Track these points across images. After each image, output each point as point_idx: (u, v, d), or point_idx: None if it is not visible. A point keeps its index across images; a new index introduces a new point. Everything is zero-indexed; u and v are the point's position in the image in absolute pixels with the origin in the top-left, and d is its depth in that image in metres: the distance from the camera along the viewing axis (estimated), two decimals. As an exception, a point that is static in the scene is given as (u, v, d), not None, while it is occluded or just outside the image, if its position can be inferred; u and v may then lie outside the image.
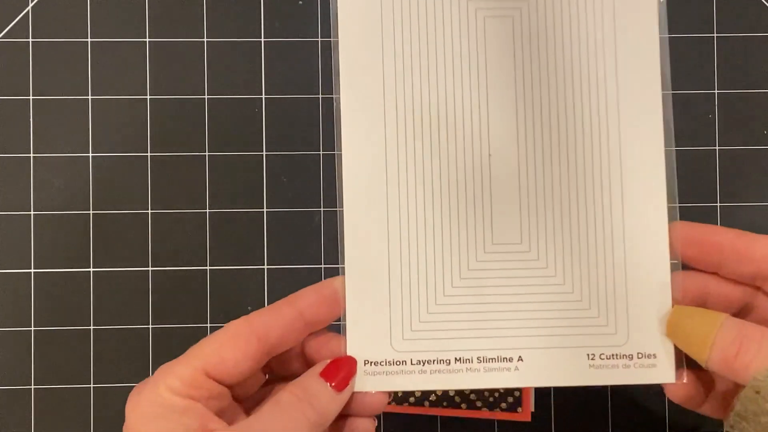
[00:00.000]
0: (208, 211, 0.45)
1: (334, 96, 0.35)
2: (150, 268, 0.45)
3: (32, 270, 0.45)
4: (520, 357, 0.35)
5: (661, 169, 0.36)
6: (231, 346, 0.33)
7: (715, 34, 0.45)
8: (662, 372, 0.35)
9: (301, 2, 0.46)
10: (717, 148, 0.45)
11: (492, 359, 0.35)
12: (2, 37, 0.45)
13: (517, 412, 0.41)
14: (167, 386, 0.32)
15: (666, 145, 0.36)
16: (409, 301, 0.35)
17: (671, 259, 0.36)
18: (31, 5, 0.45)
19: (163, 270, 0.45)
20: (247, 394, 0.36)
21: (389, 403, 0.39)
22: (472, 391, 0.41)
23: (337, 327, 0.36)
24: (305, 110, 0.45)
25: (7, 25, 0.45)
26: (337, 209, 0.35)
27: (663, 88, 0.37)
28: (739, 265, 0.35)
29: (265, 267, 0.45)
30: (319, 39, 0.45)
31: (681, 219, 0.45)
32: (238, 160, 0.45)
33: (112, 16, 0.45)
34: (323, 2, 0.46)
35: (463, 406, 0.41)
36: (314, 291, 0.35)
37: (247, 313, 0.44)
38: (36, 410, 0.45)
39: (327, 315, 0.35)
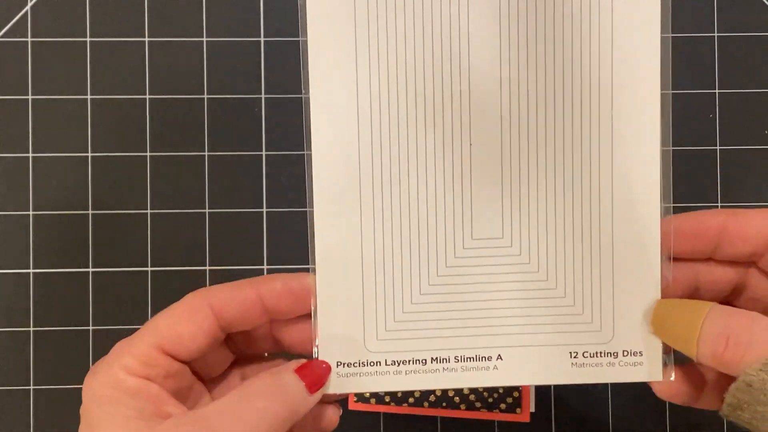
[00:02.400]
0: (208, 211, 0.45)
1: (303, 96, 0.34)
2: (150, 268, 0.45)
3: (32, 270, 0.45)
4: (499, 356, 0.34)
5: (656, 166, 0.35)
6: (187, 320, 0.32)
7: (715, 34, 0.46)
8: (649, 370, 0.34)
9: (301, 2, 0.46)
10: (717, 148, 0.45)
11: (470, 358, 0.34)
12: (2, 37, 0.45)
13: (516, 412, 0.41)
14: (122, 365, 0.31)
15: (663, 144, 0.36)
16: (383, 301, 0.34)
17: (662, 254, 0.34)
18: (30, 4, 0.45)
19: (163, 270, 0.45)
20: (212, 375, 0.35)
21: (388, 403, 0.39)
22: (471, 392, 0.41)
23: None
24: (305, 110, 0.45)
25: (7, 25, 0.45)
26: (307, 209, 0.34)
27: (662, 88, 0.36)
28: (734, 247, 0.34)
29: (265, 267, 0.45)
30: (319, 39, 0.45)
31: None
32: (238, 160, 0.45)
33: (112, 15, 0.45)
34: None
35: (462, 406, 0.41)
36: (281, 280, 0.34)
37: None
38: (35, 410, 0.45)
39: (289, 307, 0.34)
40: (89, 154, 0.45)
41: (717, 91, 0.45)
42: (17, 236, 0.45)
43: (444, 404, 0.41)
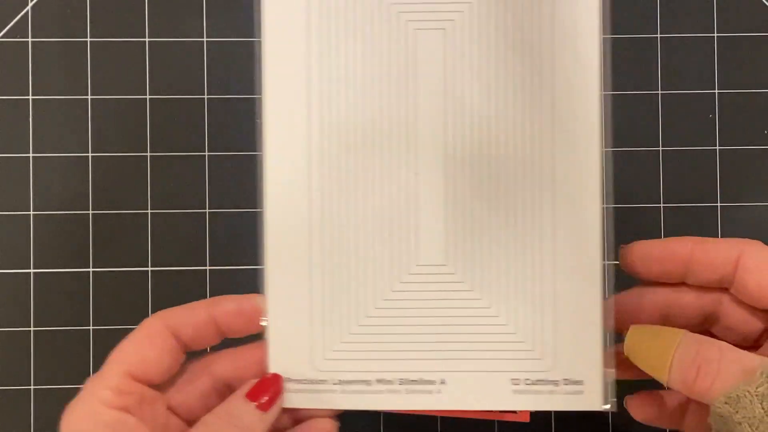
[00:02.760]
0: (208, 211, 0.45)
1: (257, 96, 0.34)
2: (150, 268, 0.45)
3: (32, 270, 0.45)
4: (442, 380, 0.35)
5: (597, 202, 0.35)
6: (149, 345, 0.34)
7: (715, 34, 0.46)
8: (589, 399, 0.34)
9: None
10: (717, 148, 0.45)
11: (414, 381, 0.35)
12: (2, 37, 0.45)
13: (515, 413, 0.41)
14: (99, 399, 0.32)
15: (606, 146, 0.35)
16: (331, 322, 0.35)
17: (604, 284, 0.35)
18: (30, 5, 0.45)
19: (163, 270, 0.45)
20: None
21: None
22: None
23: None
24: (305, 110, 0.45)
25: (7, 25, 0.45)
26: (258, 225, 0.35)
27: (601, 105, 0.36)
28: (702, 273, 0.35)
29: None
30: (319, 39, 0.45)
31: (682, 220, 0.45)
32: (238, 159, 0.45)
33: (112, 16, 0.45)
34: (323, 2, 0.46)
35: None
36: (235, 302, 0.35)
37: (247, 313, 0.45)
38: (36, 410, 0.45)
39: (242, 327, 0.35)
40: (89, 154, 0.45)
41: (717, 91, 0.45)
42: (17, 236, 0.45)
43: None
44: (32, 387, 0.45)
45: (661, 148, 0.45)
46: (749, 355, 0.32)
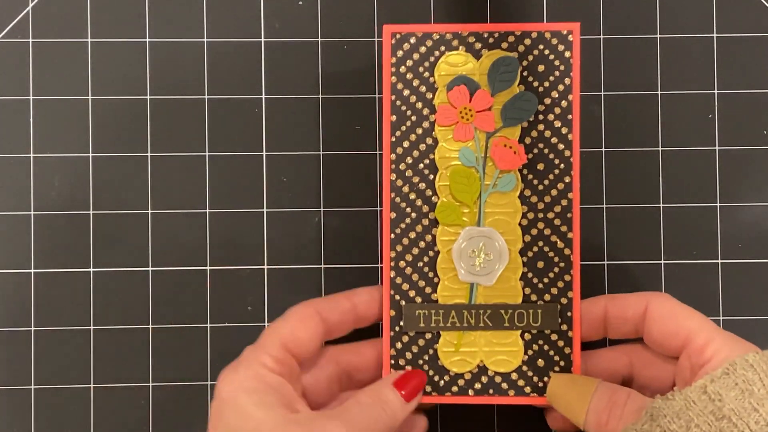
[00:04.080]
0: (208, 211, 0.45)
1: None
2: (150, 268, 0.45)
3: (32, 270, 0.45)
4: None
5: None
6: (303, 327, 0.38)
7: (715, 34, 0.45)
8: None
9: (301, 2, 0.46)
10: (717, 148, 0.45)
11: None
12: (2, 37, 0.45)
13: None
14: (261, 363, 0.37)
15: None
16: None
17: None
18: (31, 5, 0.45)
19: (163, 270, 0.45)
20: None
21: (429, 393, 0.41)
22: (519, 376, 0.41)
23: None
24: (305, 110, 0.45)
25: (7, 25, 0.45)
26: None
27: None
28: (617, 327, 0.40)
29: (265, 267, 0.45)
30: (319, 39, 0.45)
31: (682, 220, 0.45)
32: (238, 160, 0.45)
33: (112, 16, 0.45)
34: (323, 2, 0.46)
35: (511, 392, 0.41)
36: (367, 292, 0.41)
37: (247, 313, 0.45)
38: (36, 410, 0.45)
39: (376, 315, 0.41)
40: (90, 155, 0.45)
41: (716, 91, 0.45)
42: (18, 236, 0.45)
43: (491, 391, 0.41)
44: (32, 387, 0.45)
45: (661, 148, 0.45)
46: (649, 399, 0.36)
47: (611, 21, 0.46)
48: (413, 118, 0.41)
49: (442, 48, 0.41)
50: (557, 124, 0.40)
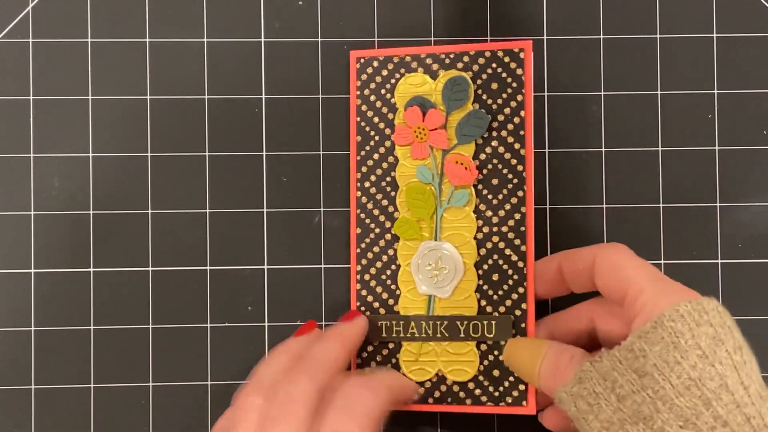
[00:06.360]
0: (208, 211, 0.45)
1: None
2: (150, 268, 0.45)
3: (32, 270, 0.45)
4: None
5: None
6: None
7: (715, 34, 0.45)
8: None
9: (301, 2, 0.46)
10: (717, 148, 0.45)
11: None
12: (2, 37, 0.45)
13: (522, 405, 0.41)
14: None
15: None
16: None
17: None
18: (31, 5, 0.45)
19: (163, 270, 0.45)
20: None
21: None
22: (476, 386, 0.42)
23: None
24: (305, 110, 0.45)
25: (7, 26, 0.45)
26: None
27: None
28: (573, 280, 0.39)
29: (265, 267, 0.45)
30: (319, 39, 0.45)
31: (682, 220, 0.45)
32: (238, 160, 0.45)
33: (112, 16, 0.45)
34: (323, 2, 0.46)
35: (468, 401, 0.42)
36: (359, 324, 0.42)
37: (247, 313, 0.45)
38: (36, 410, 0.45)
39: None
40: (90, 155, 0.45)
41: (716, 91, 0.45)
42: (18, 236, 0.45)
43: (449, 399, 0.42)
44: (32, 387, 0.45)
45: (661, 148, 0.45)
46: (586, 361, 0.35)
47: (611, 21, 0.46)
48: (376, 138, 0.43)
49: (402, 70, 0.43)
50: (510, 139, 0.42)
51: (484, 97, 0.42)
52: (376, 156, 0.43)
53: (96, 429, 0.45)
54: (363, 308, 0.43)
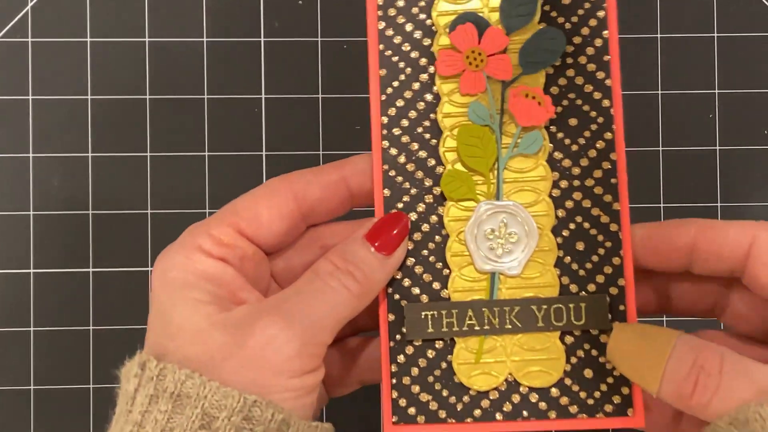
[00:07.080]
0: (208, 210, 0.45)
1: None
2: (150, 269, 0.45)
3: (32, 270, 0.45)
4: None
5: None
6: (266, 203, 0.31)
7: (715, 34, 0.46)
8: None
9: (301, 2, 0.46)
10: (717, 148, 0.45)
11: None
12: (2, 37, 0.45)
13: (626, 415, 0.32)
14: (196, 246, 0.29)
15: None
16: None
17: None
18: (30, 5, 0.45)
19: (163, 270, 0.45)
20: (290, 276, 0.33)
21: (443, 420, 0.32)
22: (562, 393, 0.32)
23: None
24: (305, 110, 0.45)
25: (7, 25, 0.45)
26: None
27: None
28: (708, 264, 0.30)
29: (265, 267, 0.45)
30: (319, 39, 0.45)
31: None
32: (238, 160, 0.45)
33: (112, 16, 0.45)
34: (323, 2, 0.46)
35: (552, 414, 0.32)
36: (364, 160, 0.32)
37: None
38: (36, 410, 0.45)
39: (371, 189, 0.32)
40: (89, 154, 0.45)
41: (717, 91, 0.45)
42: (17, 236, 0.45)
43: (525, 414, 0.32)
44: (32, 387, 0.45)
45: (661, 148, 0.45)
46: (760, 367, 0.27)
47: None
48: (407, 70, 0.33)
49: None
50: (591, 67, 0.32)
51: (554, 14, 0.32)
52: (408, 94, 0.32)
53: (96, 429, 0.45)
54: (398, 297, 0.32)
